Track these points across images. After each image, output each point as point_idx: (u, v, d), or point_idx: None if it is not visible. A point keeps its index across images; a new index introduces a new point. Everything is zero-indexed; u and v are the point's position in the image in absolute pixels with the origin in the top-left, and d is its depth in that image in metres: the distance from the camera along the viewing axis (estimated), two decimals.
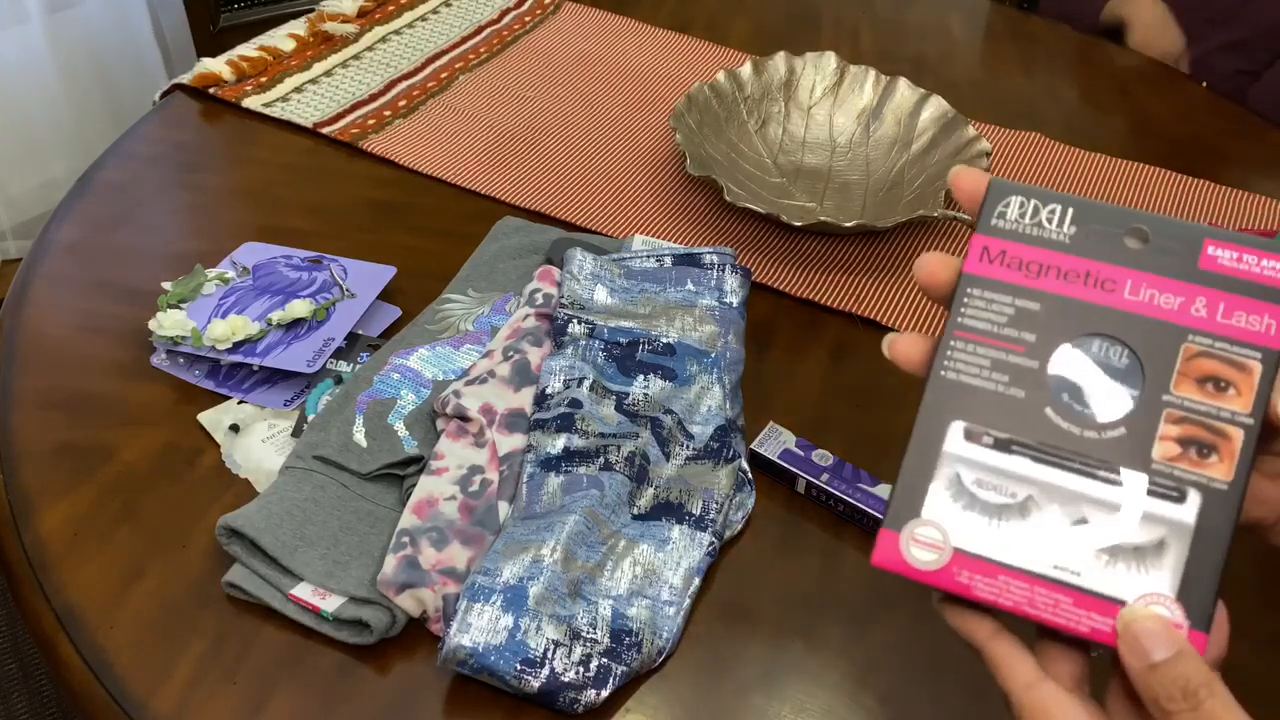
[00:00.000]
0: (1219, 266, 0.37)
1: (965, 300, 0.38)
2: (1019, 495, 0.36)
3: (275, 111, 0.93)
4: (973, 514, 0.36)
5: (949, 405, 0.37)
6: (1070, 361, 0.37)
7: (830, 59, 0.97)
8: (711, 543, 0.60)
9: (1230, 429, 0.36)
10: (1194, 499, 0.36)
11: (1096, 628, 0.35)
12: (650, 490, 0.62)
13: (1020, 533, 0.36)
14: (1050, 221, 0.38)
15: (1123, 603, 0.35)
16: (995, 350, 0.37)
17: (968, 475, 0.37)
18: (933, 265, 0.39)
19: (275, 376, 0.69)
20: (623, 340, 0.68)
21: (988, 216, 0.38)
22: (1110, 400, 0.36)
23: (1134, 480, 0.36)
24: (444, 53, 1.05)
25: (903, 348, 0.39)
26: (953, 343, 0.38)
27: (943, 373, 0.37)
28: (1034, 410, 0.37)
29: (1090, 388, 0.37)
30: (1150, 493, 0.36)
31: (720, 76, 0.94)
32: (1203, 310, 0.36)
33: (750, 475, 0.65)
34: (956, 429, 0.37)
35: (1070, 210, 0.38)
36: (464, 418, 0.63)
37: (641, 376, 0.66)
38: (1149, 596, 0.35)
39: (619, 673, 0.53)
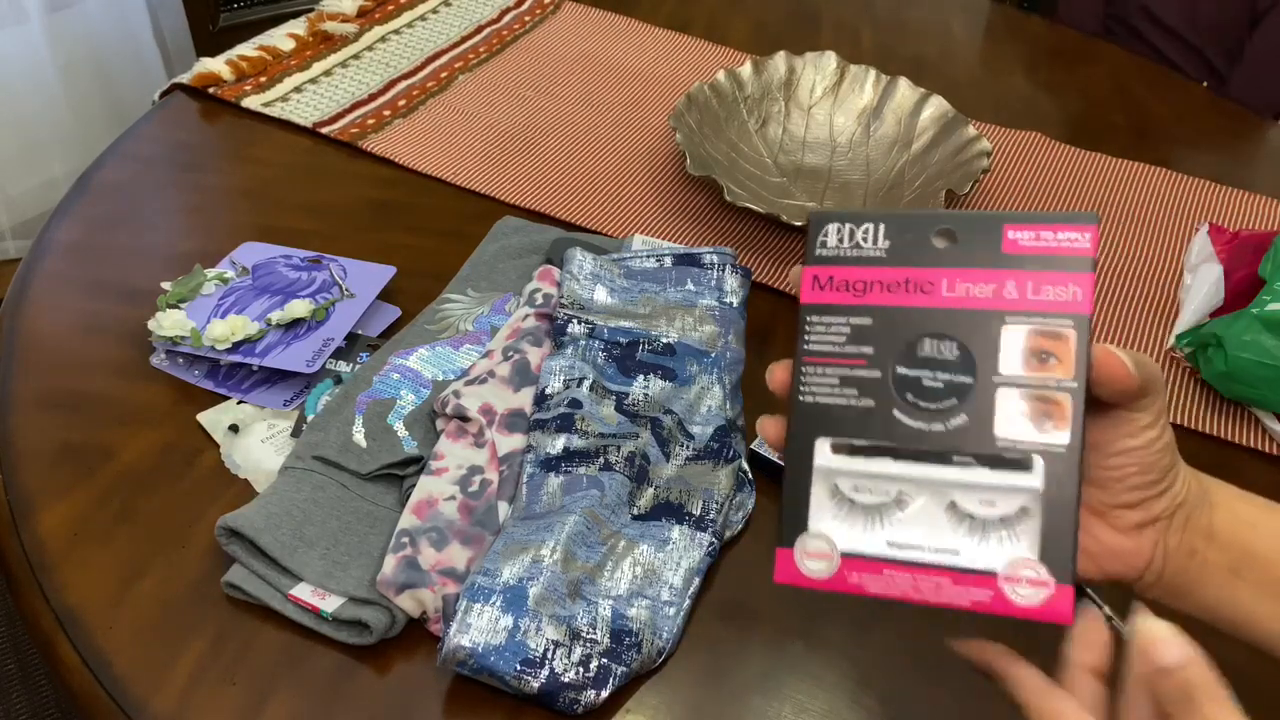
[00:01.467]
0: (1020, 248, 0.39)
1: (806, 328, 0.41)
2: (891, 493, 0.39)
3: (275, 111, 0.93)
4: (854, 518, 0.39)
5: (811, 425, 0.40)
6: (907, 364, 0.40)
7: (830, 59, 0.97)
8: (711, 543, 0.60)
9: (1059, 395, 0.38)
10: (1039, 465, 0.38)
11: (976, 600, 0.38)
12: (650, 490, 0.62)
13: (899, 527, 0.39)
14: (866, 240, 0.41)
15: (994, 573, 0.38)
16: (840, 368, 0.40)
17: (844, 484, 0.40)
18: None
19: (274, 377, 0.69)
20: (623, 340, 0.68)
21: (812, 247, 0.41)
22: (949, 392, 0.39)
23: (985, 458, 0.39)
24: (443, 52, 1.05)
25: (779, 376, 0.42)
26: (803, 369, 0.41)
27: (800, 397, 0.41)
28: (884, 415, 0.40)
29: (928, 383, 0.40)
30: (1000, 466, 0.39)
31: (720, 76, 0.94)
32: (1014, 292, 0.39)
33: (750, 475, 0.65)
34: (823, 445, 0.40)
35: (882, 226, 0.41)
36: (464, 418, 0.63)
37: (641, 376, 0.66)
38: (1016, 563, 0.38)
39: (619, 673, 0.53)
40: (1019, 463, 0.38)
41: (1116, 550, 0.43)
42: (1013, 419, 0.39)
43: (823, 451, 0.40)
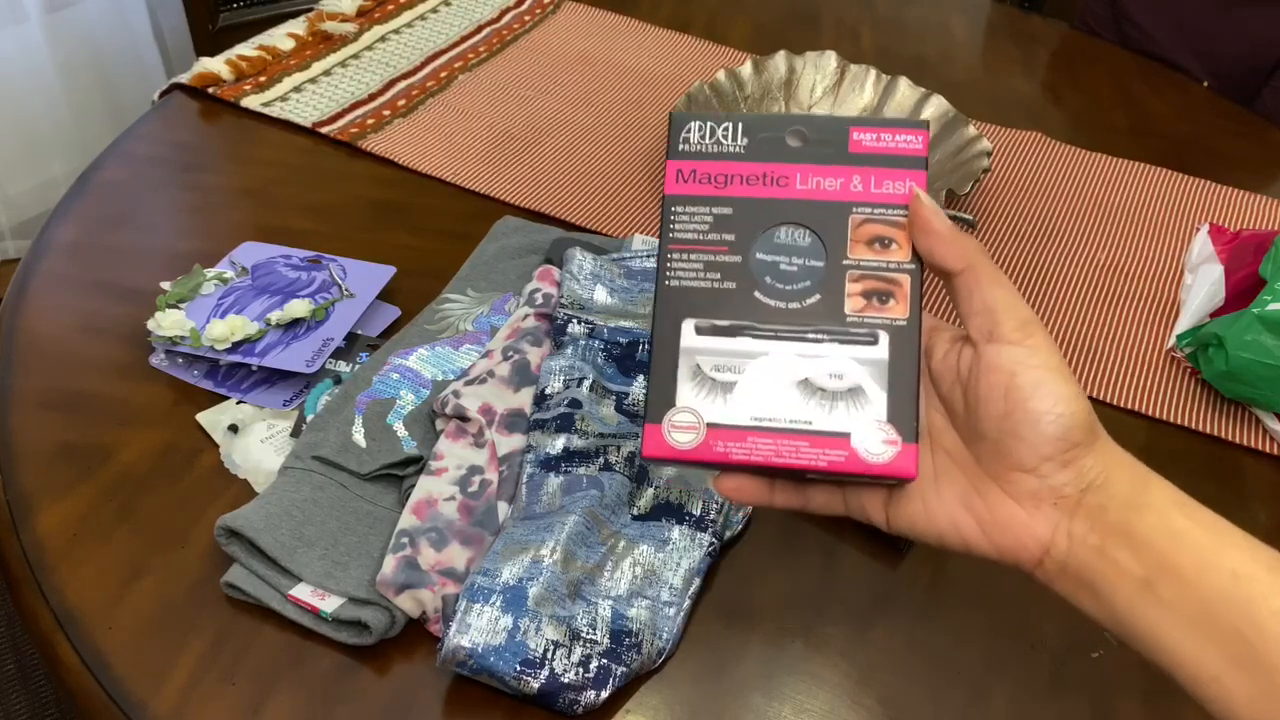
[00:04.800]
0: (865, 148, 0.44)
1: (672, 218, 0.44)
2: (748, 370, 0.43)
3: (274, 111, 0.93)
4: (716, 394, 0.42)
5: (677, 308, 0.43)
6: (765, 250, 0.43)
7: (831, 58, 0.97)
8: (711, 543, 0.60)
9: (899, 276, 0.43)
10: (884, 339, 0.42)
11: (832, 460, 0.42)
12: (650, 490, 0.62)
13: (756, 401, 0.42)
14: (726, 137, 0.44)
15: (847, 434, 0.42)
16: (704, 254, 0.43)
17: (706, 363, 0.43)
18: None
19: (274, 377, 0.69)
20: (622, 340, 0.68)
21: (675, 143, 0.44)
22: (803, 275, 0.43)
23: (836, 334, 0.43)
24: (443, 52, 1.05)
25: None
26: (669, 255, 0.44)
27: (666, 282, 0.43)
28: (745, 297, 0.43)
29: (785, 268, 0.43)
30: (849, 341, 0.42)
31: (720, 76, 0.94)
32: (859, 186, 0.43)
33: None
34: (688, 326, 0.43)
35: (740, 124, 0.44)
36: (463, 418, 0.63)
37: (641, 376, 0.66)
38: (868, 424, 0.42)
39: (619, 673, 0.53)
40: (866, 337, 0.42)
41: (1008, 522, 0.42)
42: (860, 298, 0.43)
43: (688, 332, 0.43)
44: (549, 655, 0.52)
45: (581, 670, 0.52)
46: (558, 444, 0.61)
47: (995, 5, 1.31)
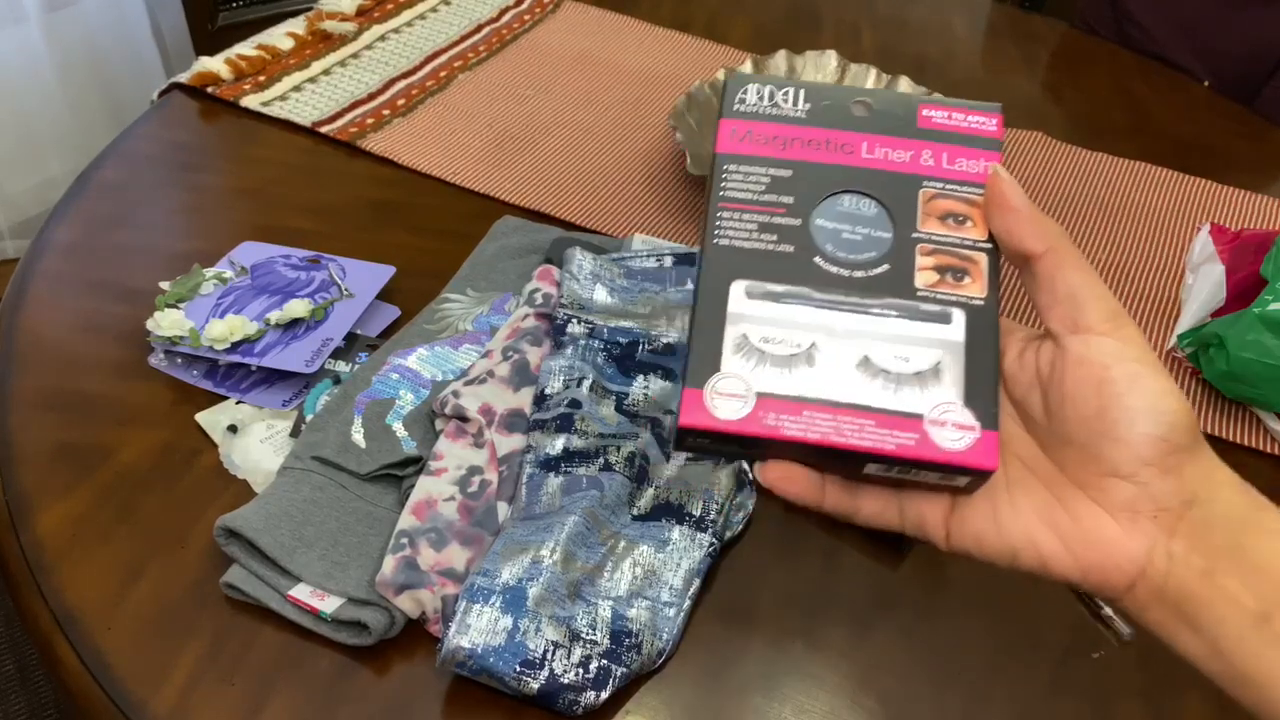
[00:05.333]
0: (934, 124, 0.41)
1: (724, 176, 0.41)
2: (804, 344, 0.38)
3: (274, 110, 0.93)
4: (764, 365, 0.38)
5: (727, 267, 0.39)
6: (827, 217, 0.40)
7: (831, 58, 0.97)
8: (712, 544, 0.60)
9: (975, 254, 0.40)
10: (959, 318, 0.39)
11: (902, 443, 0.37)
12: (650, 491, 0.61)
13: (811, 376, 0.38)
14: (786, 101, 0.42)
15: (920, 415, 0.37)
16: (759, 214, 0.40)
17: (754, 332, 0.39)
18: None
19: (273, 377, 0.69)
20: (623, 340, 0.68)
21: (730, 103, 0.42)
22: (868, 244, 0.40)
23: (904, 309, 0.39)
24: (443, 51, 1.04)
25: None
26: (719, 213, 0.40)
27: (715, 240, 0.40)
28: (803, 261, 0.40)
29: (848, 236, 0.40)
30: (919, 318, 0.39)
31: (720, 76, 0.94)
32: (930, 160, 0.41)
33: (751, 475, 0.65)
34: (738, 288, 0.39)
35: (801, 91, 0.42)
36: (463, 418, 0.63)
37: (641, 376, 0.66)
38: (941, 406, 0.37)
39: (619, 674, 0.53)
40: (938, 315, 0.39)
41: (1097, 537, 0.37)
42: (933, 272, 0.39)
43: (736, 295, 0.39)
44: (549, 656, 0.52)
45: (581, 671, 0.52)
46: (557, 444, 0.61)
47: (996, 5, 1.31)
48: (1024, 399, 0.39)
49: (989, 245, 0.40)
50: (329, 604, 0.55)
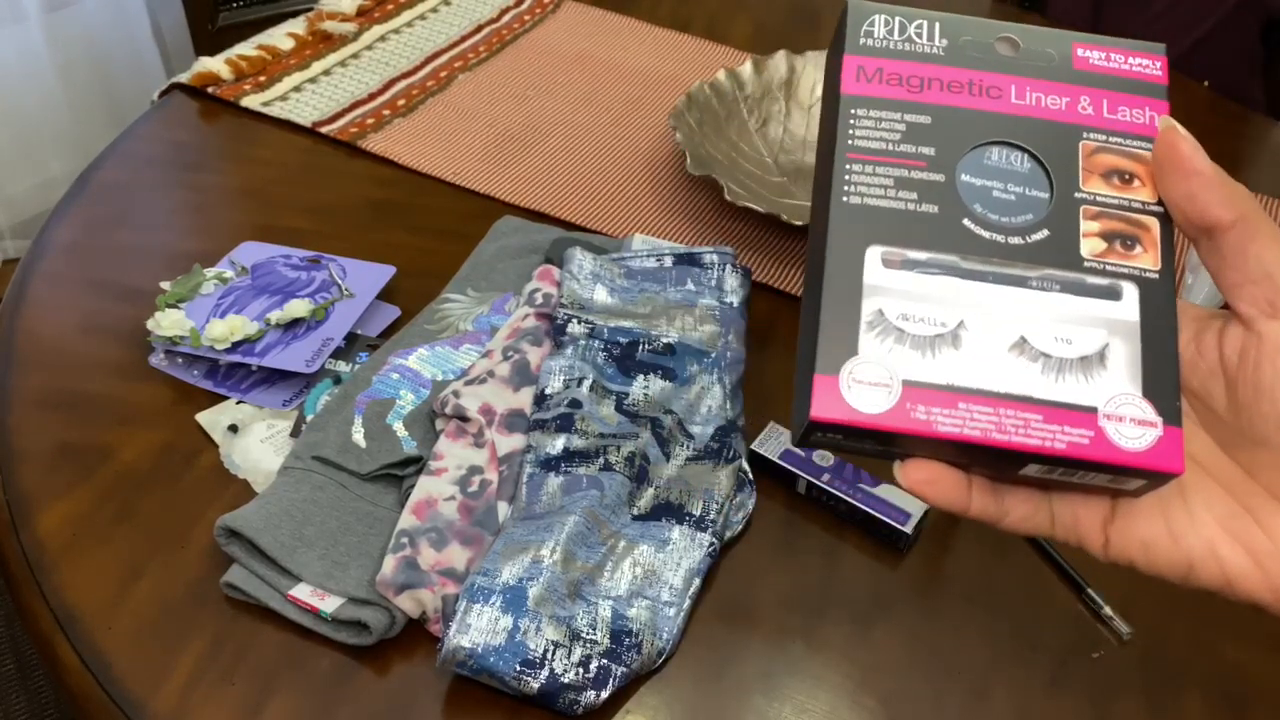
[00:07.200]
0: (1092, 66, 0.36)
1: (851, 122, 0.35)
2: (949, 322, 0.33)
3: (274, 111, 0.93)
4: (904, 347, 0.33)
5: (858, 230, 0.34)
6: (973, 172, 0.35)
7: None
8: (712, 543, 0.60)
9: (1146, 219, 0.35)
10: (1131, 293, 0.34)
11: (1074, 442, 0.32)
12: (650, 491, 0.62)
13: (961, 361, 0.33)
14: (920, 36, 0.37)
15: (1093, 410, 0.32)
16: (896, 168, 0.35)
17: (891, 307, 0.33)
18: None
19: (274, 376, 0.69)
20: (623, 340, 0.68)
21: (854, 36, 0.37)
22: (1023, 205, 0.35)
23: (1069, 283, 0.34)
24: (443, 51, 1.04)
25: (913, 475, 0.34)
26: (848, 166, 0.35)
27: (845, 198, 0.34)
28: (951, 224, 0.34)
29: (999, 195, 0.35)
30: (1086, 293, 0.34)
31: (720, 75, 0.94)
32: (1089, 108, 0.36)
33: (750, 475, 0.65)
34: (874, 255, 0.34)
35: (937, 24, 0.37)
36: (463, 418, 0.63)
37: (641, 376, 0.66)
38: (1117, 398, 0.33)
39: (619, 674, 0.53)
40: (1106, 290, 0.34)
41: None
42: (1100, 239, 0.34)
43: (872, 263, 0.34)
44: (549, 655, 0.52)
45: (581, 670, 0.52)
46: (558, 444, 0.61)
47: (996, 4, 1.31)
48: (1203, 390, 0.35)
49: (1161, 209, 0.35)
50: (329, 603, 0.55)
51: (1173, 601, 0.61)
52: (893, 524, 0.62)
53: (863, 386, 0.32)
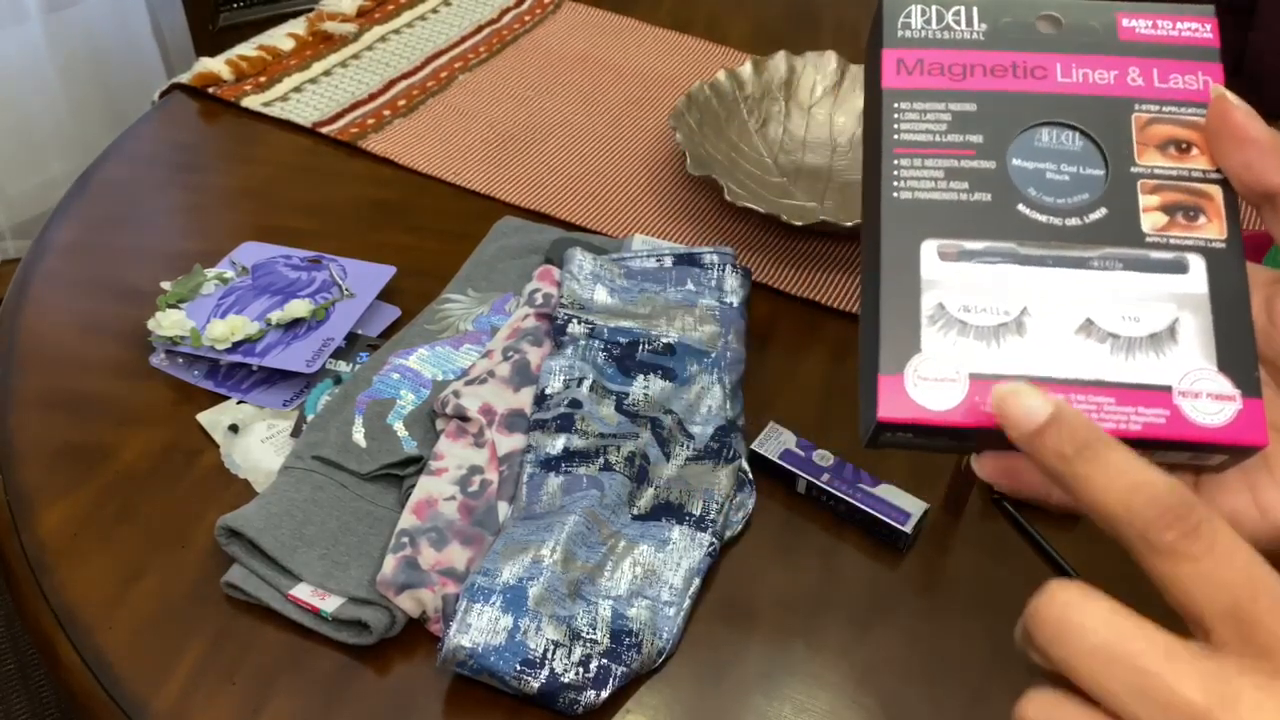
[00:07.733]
0: (1139, 36, 0.36)
1: (895, 115, 0.35)
2: (1012, 310, 0.33)
3: (274, 111, 0.93)
4: (968, 340, 0.33)
5: (912, 225, 0.34)
6: (1024, 155, 0.35)
7: (831, 58, 0.97)
8: (712, 543, 0.60)
9: (1208, 187, 0.34)
10: (1197, 265, 0.33)
11: (1149, 423, 0.31)
12: (650, 490, 0.62)
13: (1027, 349, 0.32)
14: (959, 22, 0.36)
15: (1167, 389, 0.32)
16: (945, 159, 0.35)
17: (951, 300, 0.33)
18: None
19: (274, 376, 0.69)
20: (623, 340, 0.68)
21: (892, 28, 0.36)
22: (1078, 185, 0.34)
23: (1131, 260, 0.33)
24: (443, 52, 1.04)
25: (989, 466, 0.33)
26: (896, 161, 0.35)
27: (895, 194, 0.34)
28: (1005, 211, 0.34)
29: (1053, 177, 0.34)
30: (1151, 268, 0.33)
31: (720, 76, 0.94)
32: (1139, 79, 0.35)
33: (750, 475, 0.65)
34: (929, 249, 0.34)
35: (975, 9, 0.36)
36: (463, 418, 0.63)
37: (641, 376, 0.66)
38: (1192, 374, 0.32)
39: (619, 673, 0.53)
40: (1172, 264, 0.33)
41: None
42: (1161, 213, 0.34)
43: (929, 257, 0.33)
44: (549, 655, 0.52)
45: (581, 670, 0.52)
46: (558, 444, 0.62)
47: None
48: (1278, 356, 0.34)
49: (1222, 175, 0.34)
50: (330, 603, 0.55)
51: None
52: (892, 524, 0.62)
53: (929, 383, 0.32)
